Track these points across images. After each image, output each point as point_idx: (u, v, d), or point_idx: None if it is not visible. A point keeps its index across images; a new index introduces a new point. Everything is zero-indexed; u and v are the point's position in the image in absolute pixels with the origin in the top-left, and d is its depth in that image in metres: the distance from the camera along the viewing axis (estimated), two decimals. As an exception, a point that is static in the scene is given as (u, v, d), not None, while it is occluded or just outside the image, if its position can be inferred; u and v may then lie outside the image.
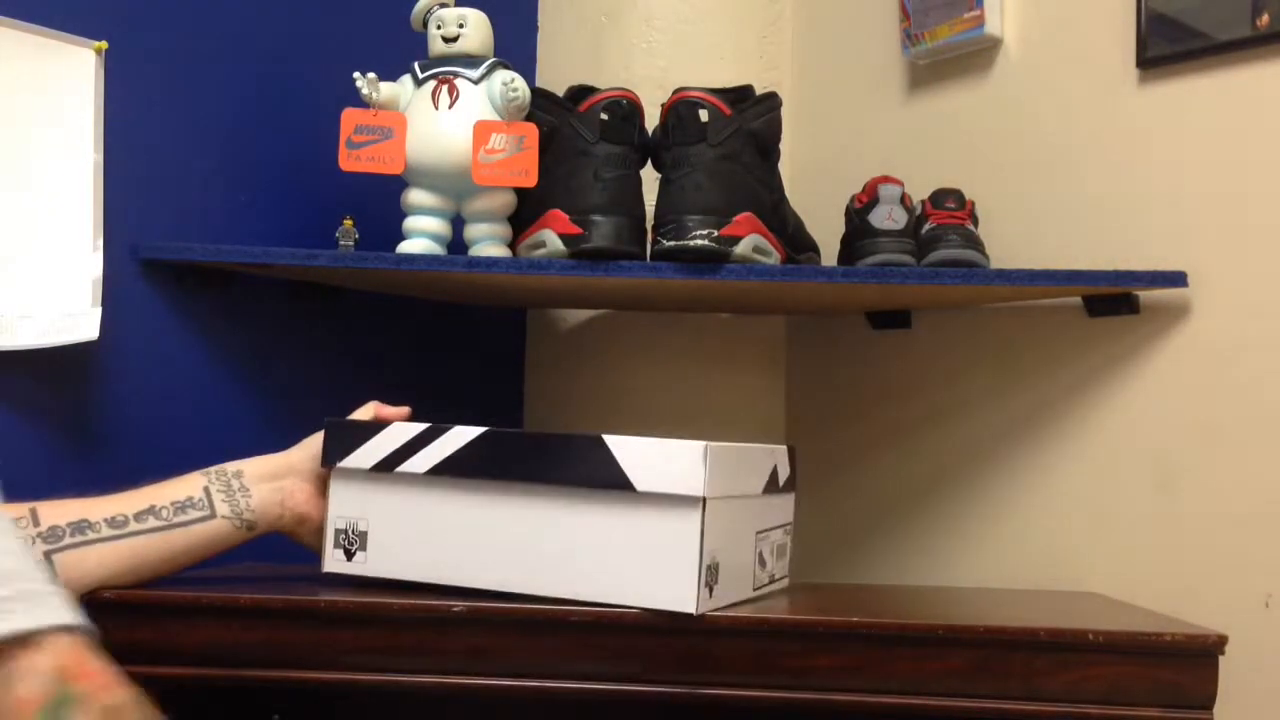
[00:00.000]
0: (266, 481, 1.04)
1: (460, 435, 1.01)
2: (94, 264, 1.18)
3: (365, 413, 1.10)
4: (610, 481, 0.96)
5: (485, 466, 1.01)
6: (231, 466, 1.04)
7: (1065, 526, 1.37)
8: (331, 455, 1.05)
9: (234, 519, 1.01)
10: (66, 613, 0.62)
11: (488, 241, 1.30)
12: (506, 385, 1.72)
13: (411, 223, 1.30)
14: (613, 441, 0.97)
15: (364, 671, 0.99)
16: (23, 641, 0.59)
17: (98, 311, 1.17)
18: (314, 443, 1.07)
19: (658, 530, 0.96)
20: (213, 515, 1.01)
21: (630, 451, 0.96)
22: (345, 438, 1.05)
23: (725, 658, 0.98)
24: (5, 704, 0.58)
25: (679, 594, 0.95)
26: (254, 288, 1.35)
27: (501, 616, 0.98)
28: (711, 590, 0.97)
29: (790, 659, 0.98)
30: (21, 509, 0.93)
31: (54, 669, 0.59)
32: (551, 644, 0.98)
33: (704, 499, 0.94)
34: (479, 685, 0.99)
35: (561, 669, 0.98)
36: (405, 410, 1.11)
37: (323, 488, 1.07)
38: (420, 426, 1.03)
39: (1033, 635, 0.98)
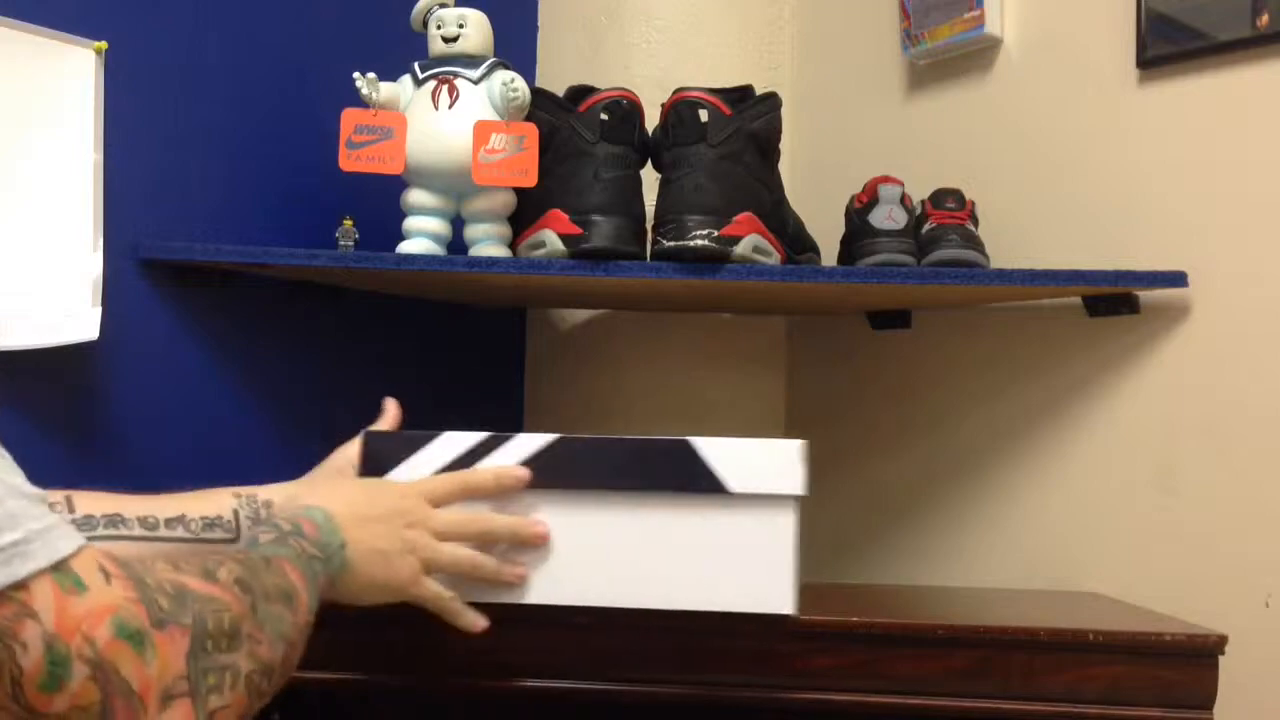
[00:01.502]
0: None
1: (526, 444, 0.97)
2: (94, 264, 1.18)
3: (389, 419, 1.08)
4: (701, 485, 0.94)
5: (557, 476, 0.96)
6: (261, 494, 1.02)
7: (1065, 526, 1.37)
8: (372, 469, 0.99)
9: None
10: (58, 542, 0.62)
11: (488, 241, 1.30)
12: (506, 385, 1.72)
13: (411, 223, 1.30)
14: (699, 444, 0.95)
15: (364, 671, 0.99)
16: (12, 596, 0.59)
17: (98, 311, 1.17)
18: (333, 468, 1.04)
19: (752, 531, 0.94)
20: (237, 539, 0.99)
21: (721, 453, 0.95)
22: (389, 451, 0.99)
23: (725, 658, 0.98)
24: (16, 674, 0.59)
25: (776, 596, 0.94)
26: (254, 288, 1.35)
27: (502, 616, 0.98)
28: (795, 591, 0.96)
29: (790, 659, 0.98)
30: (58, 495, 0.93)
31: (42, 631, 0.60)
32: (551, 644, 0.98)
33: (799, 498, 0.94)
34: (479, 685, 0.99)
35: (561, 669, 0.98)
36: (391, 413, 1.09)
37: None
38: (478, 436, 0.98)
39: (1033, 635, 0.98)
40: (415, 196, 1.29)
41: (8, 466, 0.63)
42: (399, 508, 0.92)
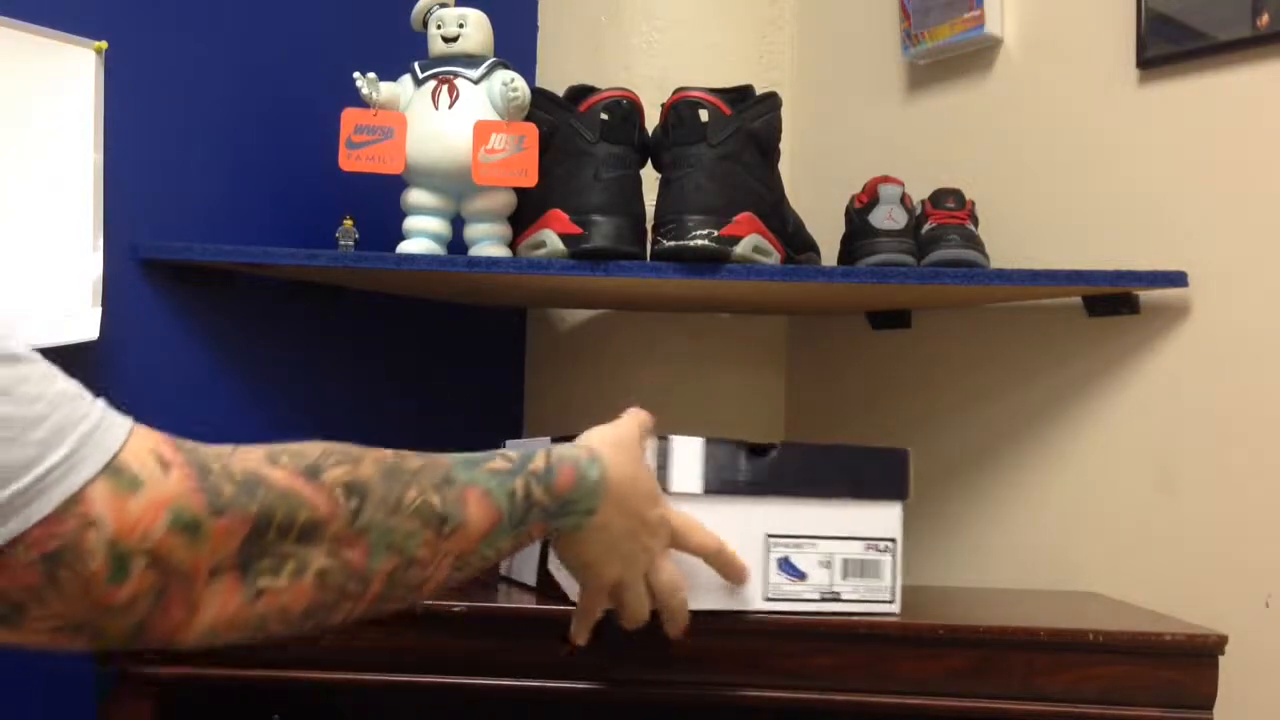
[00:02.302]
0: None
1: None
2: (94, 264, 1.18)
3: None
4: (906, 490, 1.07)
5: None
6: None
7: (1065, 526, 1.37)
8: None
9: None
10: (105, 439, 0.64)
11: (488, 241, 1.30)
12: (506, 385, 1.72)
13: (411, 223, 1.30)
14: (909, 454, 1.08)
15: (364, 671, 0.99)
16: (72, 511, 0.60)
17: (98, 311, 1.17)
18: None
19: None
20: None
21: (909, 462, 1.08)
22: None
23: (725, 658, 0.98)
24: (85, 576, 0.61)
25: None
26: (254, 288, 1.35)
27: (501, 616, 0.98)
28: None
29: (790, 659, 0.98)
30: None
31: (103, 537, 0.61)
32: (551, 644, 0.98)
33: None
34: (479, 685, 0.99)
35: (561, 669, 0.98)
36: None
37: None
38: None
39: (1033, 635, 0.98)
40: (415, 196, 1.29)
41: (44, 372, 0.63)
42: (650, 519, 0.89)
